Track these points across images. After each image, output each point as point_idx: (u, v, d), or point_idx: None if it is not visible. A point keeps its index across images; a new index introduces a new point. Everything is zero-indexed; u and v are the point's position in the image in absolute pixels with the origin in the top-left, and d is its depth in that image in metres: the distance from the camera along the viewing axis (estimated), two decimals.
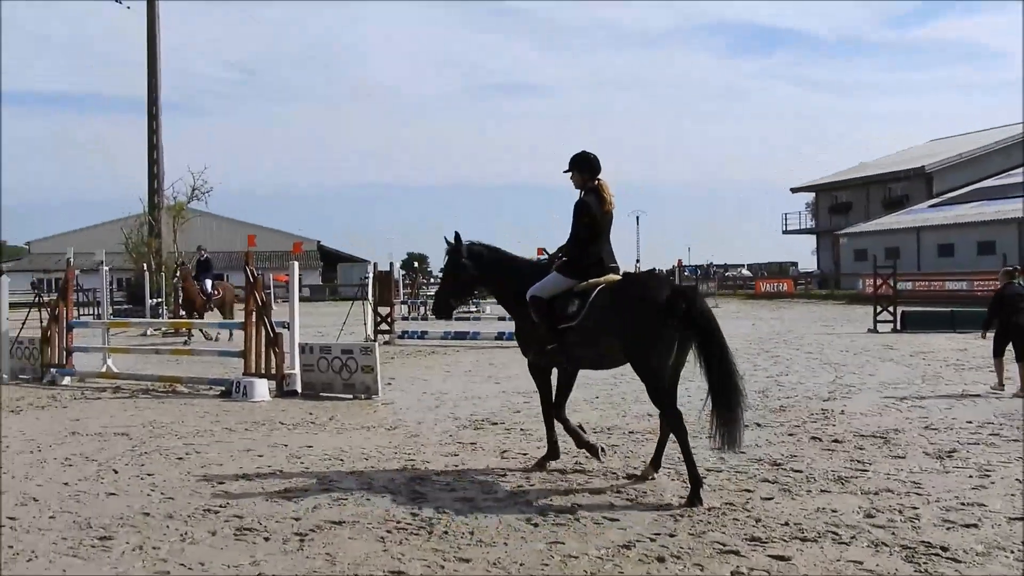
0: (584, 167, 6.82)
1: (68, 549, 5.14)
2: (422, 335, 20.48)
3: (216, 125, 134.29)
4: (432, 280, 37.30)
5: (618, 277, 6.75)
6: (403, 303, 28.78)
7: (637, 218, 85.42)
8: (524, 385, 12.10)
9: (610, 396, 10.98)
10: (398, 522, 5.56)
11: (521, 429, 8.82)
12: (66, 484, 6.73)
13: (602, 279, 6.63)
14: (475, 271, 7.26)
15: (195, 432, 8.92)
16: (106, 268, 15.75)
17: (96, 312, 26.16)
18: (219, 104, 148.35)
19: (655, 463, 6.76)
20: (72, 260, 14.91)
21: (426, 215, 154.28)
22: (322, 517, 5.70)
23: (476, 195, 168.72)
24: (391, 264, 22.71)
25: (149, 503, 6.11)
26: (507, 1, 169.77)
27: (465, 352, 17.33)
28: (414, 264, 53.73)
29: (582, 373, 7.44)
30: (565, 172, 6.91)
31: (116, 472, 7.14)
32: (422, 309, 29.94)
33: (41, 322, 14.41)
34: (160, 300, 27.79)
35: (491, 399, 10.98)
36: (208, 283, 22.61)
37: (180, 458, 7.66)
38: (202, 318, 21.53)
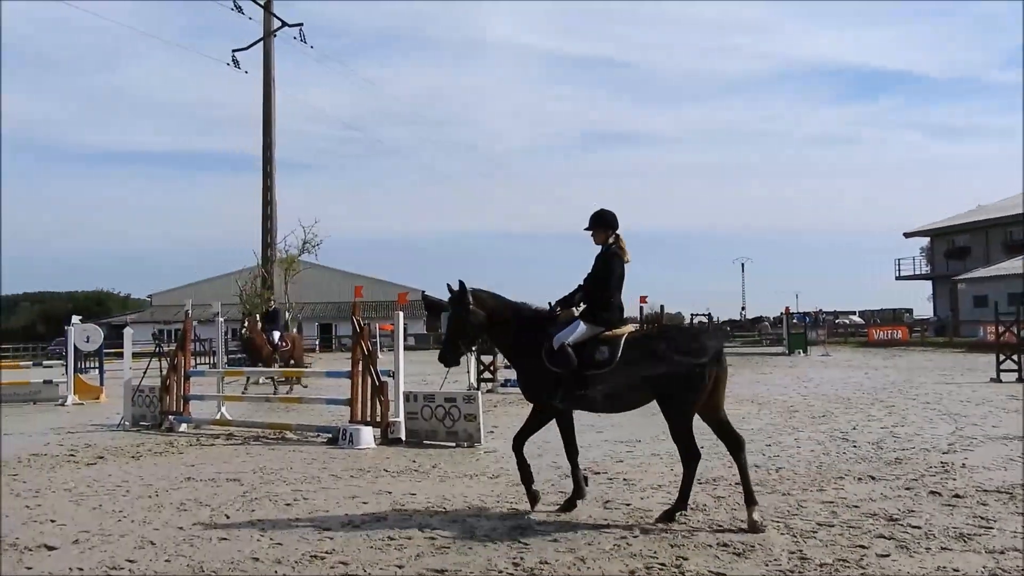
0: (607, 224, 7.28)
1: None
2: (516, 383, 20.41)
3: (326, 180, 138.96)
4: None
5: (633, 327, 7.40)
6: None
7: (742, 265, 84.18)
8: (626, 434, 11.97)
9: (715, 446, 10.72)
10: (500, 571, 5.54)
11: (624, 479, 8.70)
12: (181, 528, 6.95)
13: (623, 328, 7.14)
14: (482, 318, 7.31)
15: (303, 478, 9.11)
16: (221, 319, 16.37)
17: (212, 361, 27.13)
18: (329, 160, 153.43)
19: (749, 500, 6.77)
20: (190, 312, 15.55)
21: (526, 263, 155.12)
22: (425, 565, 5.72)
23: (572, 243, 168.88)
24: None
25: (259, 548, 6.25)
26: (603, 55, 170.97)
27: None
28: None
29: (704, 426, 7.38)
30: (587, 230, 7.31)
31: (228, 517, 7.34)
32: None
33: (161, 371, 15.03)
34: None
35: (593, 448, 10.87)
36: (276, 334, 22.49)
37: (288, 504, 7.84)
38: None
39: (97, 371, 23.10)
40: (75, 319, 21.56)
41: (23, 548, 6.39)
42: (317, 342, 62.86)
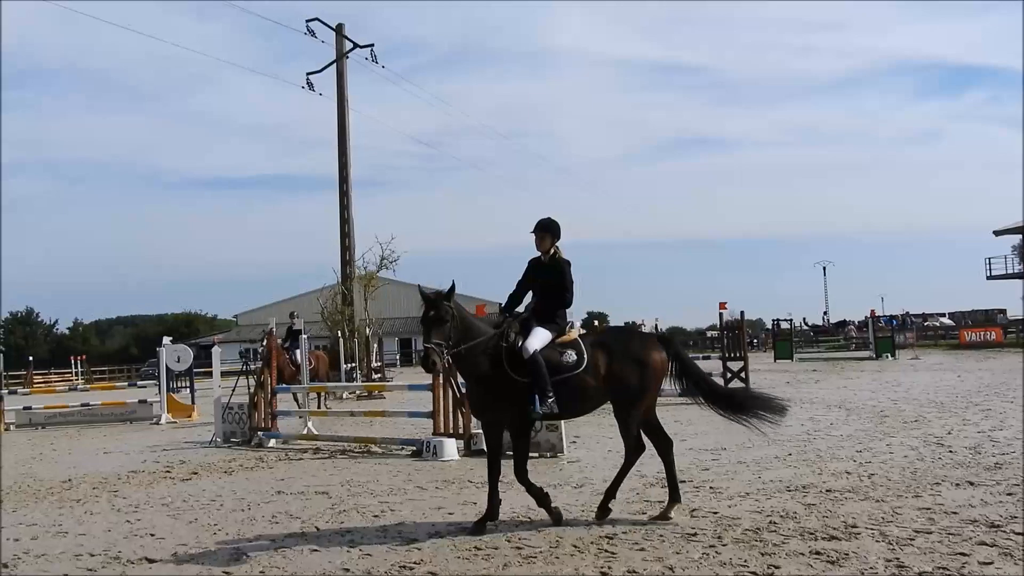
0: (555, 232, 7.51)
1: None
2: None
3: (401, 197, 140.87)
4: None
5: (580, 330, 7.66)
6: None
7: (824, 269, 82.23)
8: (711, 443, 11.81)
9: (804, 453, 10.53)
10: None
11: (710, 487, 8.58)
12: (273, 540, 7.11)
13: (573, 332, 7.47)
14: (460, 326, 7.05)
15: (389, 490, 9.22)
16: (304, 336, 16.75)
17: (297, 378, 27.65)
18: (403, 176, 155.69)
19: (674, 497, 7.29)
20: (275, 330, 15.92)
21: (603, 273, 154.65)
22: (513, 574, 5.73)
23: (654, 251, 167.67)
24: (571, 323, 22.85)
25: (349, 559, 6.35)
26: (677, 59, 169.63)
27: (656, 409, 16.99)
28: (594, 322, 53.70)
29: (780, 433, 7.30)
30: (535, 233, 7.50)
31: (318, 529, 7.48)
32: None
33: (248, 388, 15.40)
34: (354, 365, 29.10)
35: (678, 456, 10.67)
36: (298, 353, 20.46)
37: (376, 516, 7.95)
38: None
39: (188, 390, 23.78)
40: (166, 340, 22.27)
41: (125, 561, 6.62)
42: (397, 357, 63.62)
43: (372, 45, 35.67)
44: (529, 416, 7.18)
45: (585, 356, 7.22)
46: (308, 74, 35.65)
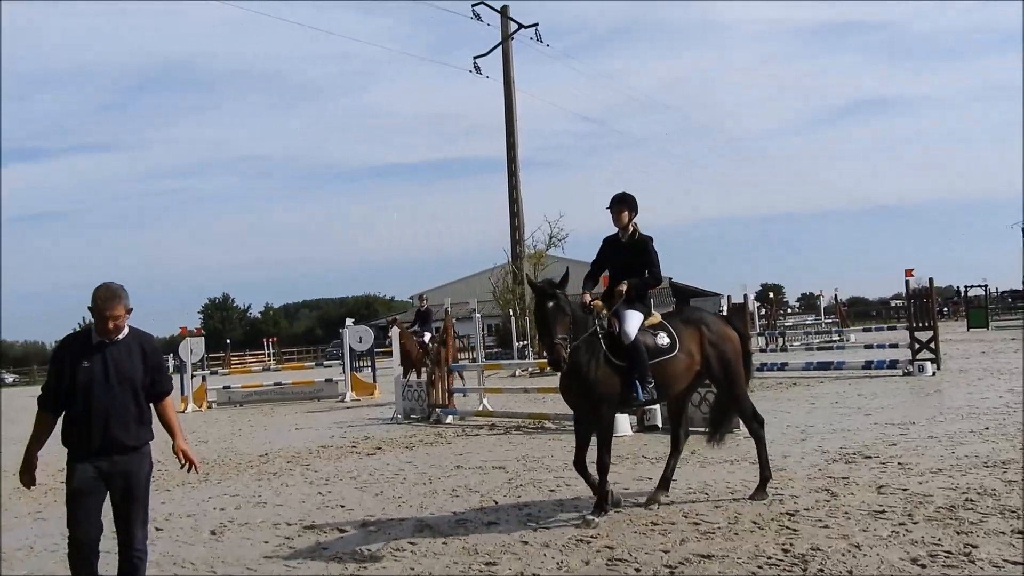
0: (633, 207, 7.18)
1: (460, 572, 5.60)
2: (782, 367, 19.78)
3: (568, 175, 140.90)
4: (789, 310, 35.91)
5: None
6: (760, 335, 28.08)
7: (1023, 230, 76.13)
8: (899, 416, 11.26)
9: (1003, 427, 9.85)
10: (768, 557, 5.39)
11: (899, 463, 8.18)
12: (454, 513, 7.35)
13: (655, 314, 7.11)
14: (574, 317, 6.61)
15: (563, 466, 9.32)
16: (478, 315, 17.13)
17: (471, 356, 28.36)
18: (570, 155, 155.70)
19: (665, 483, 7.23)
20: (449, 310, 16.37)
21: (778, 245, 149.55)
22: (690, 550, 5.69)
23: (830, 220, 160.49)
24: (745, 296, 22.28)
25: (527, 532, 6.48)
26: (851, 19, 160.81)
27: (829, 383, 16.39)
28: (769, 295, 52.14)
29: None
30: (613, 208, 7.18)
31: (496, 503, 7.67)
32: (780, 340, 28.97)
33: (426, 367, 15.93)
34: (526, 342, 29.52)
35: (862, 432, 10.31)
36: (427, 336, 20.55)
37: (552, 490, 8.06)
38: (419, 374, 18.40)
39: (370, 369, 24.88)
40: (348, 322, 23.36)
41: (319, 530, 7.02)
42: None
43: (536, 25, 35.84)
44: (631, 403, 6.98)
45: (677, 338, 6.98)
46: (475, 58, 36.28)
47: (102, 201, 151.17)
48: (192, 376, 22.02)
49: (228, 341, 58.14)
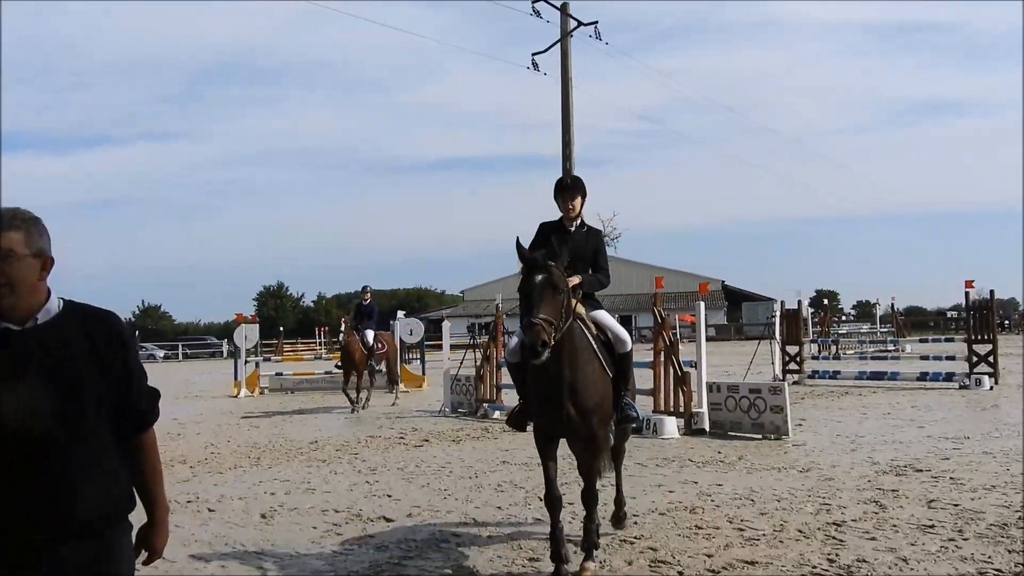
0: (586, 193, 6.05)
1: (503, 567, 5.67)
2: (834, 375, 19.54)
3: (624, 173, 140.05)
4: (843, 318, 35.39)
5: None
6: (813, 342, 27.72)
7: None
8: (952, 430, 11.07)
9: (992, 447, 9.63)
10: (813, 567, 5.37)
11: (951, 477, 8.05)
12: (499, 508, 7.43)
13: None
14: (566, 302, 5.30)
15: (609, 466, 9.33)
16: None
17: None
18: (626, 153, 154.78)
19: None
20: (500, 305, 16.46)
21: (834, 251, 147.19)
22: (734, 556, 5.68)
23: (889, 225, 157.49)
24: (799, 302, 21.99)
25: (571, 529, 6.51)
26: (913, 19, 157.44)
27: (882, 393, 16.16)
28: (823, 301, 51.42)
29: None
30: (562, 194, 5.97)
31: (540, 500, 7.70)
32: (833, 348, 28.59)
33: (475, 361, 16.04)
34: None
35: (914, 444, 10.16)
36: (369, 334, 17.92)
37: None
38: (361, 376, 17.43)
39: (419, 361, 25.08)
40: (399, 314, 23.60)
41: (366, 519, 7.15)
42: None
43: (596, 22, 35.76)
44: (623, 423, 6.09)
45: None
46: (533, 55, 36.27)
47: (171, 188, 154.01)
48: (246, 362, 22.42)
49: (281, 329, 58.97)
